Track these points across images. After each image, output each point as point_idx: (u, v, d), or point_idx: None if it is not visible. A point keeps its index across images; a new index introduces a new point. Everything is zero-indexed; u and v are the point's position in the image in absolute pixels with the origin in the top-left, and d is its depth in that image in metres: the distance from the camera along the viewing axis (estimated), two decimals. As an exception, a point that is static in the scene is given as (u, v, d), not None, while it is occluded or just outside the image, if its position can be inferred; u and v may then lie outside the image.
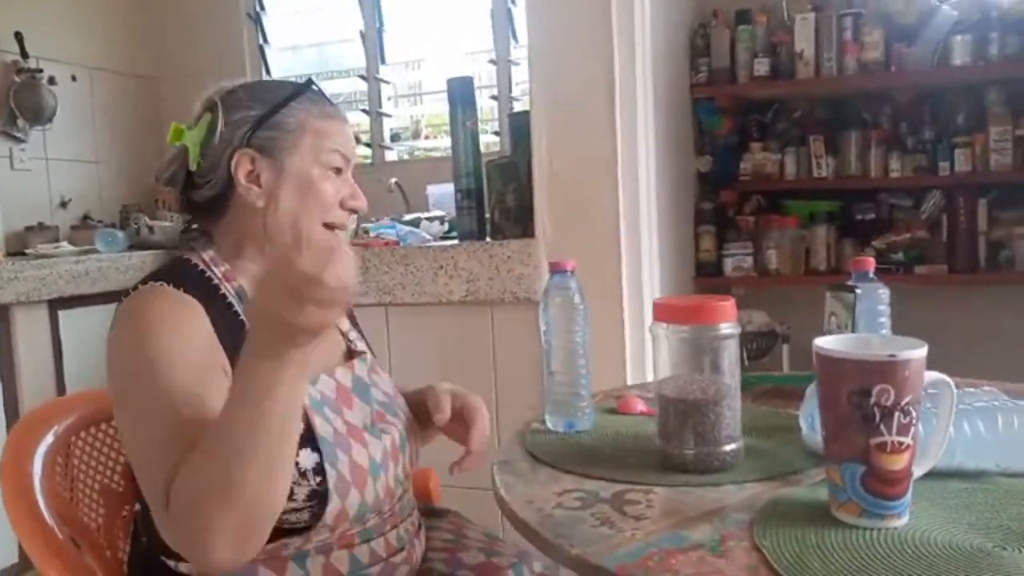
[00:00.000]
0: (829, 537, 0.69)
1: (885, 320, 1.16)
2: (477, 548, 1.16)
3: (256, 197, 0.97)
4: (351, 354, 1.10)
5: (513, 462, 0.95)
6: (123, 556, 1.09)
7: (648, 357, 1.79)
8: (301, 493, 0.90)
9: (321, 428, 0.93)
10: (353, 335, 1.14)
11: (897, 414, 0.69)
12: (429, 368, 1.97)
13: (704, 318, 0.86)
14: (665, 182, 2.26)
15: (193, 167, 0.97)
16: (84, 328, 2.49)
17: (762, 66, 2.60)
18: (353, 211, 1.03)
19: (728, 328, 0.87)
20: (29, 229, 2.89)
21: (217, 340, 0.92)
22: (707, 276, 2.73)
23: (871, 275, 1.17)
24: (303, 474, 0.89)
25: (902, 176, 2.55)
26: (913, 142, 2.57)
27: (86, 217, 3.14)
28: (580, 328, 1.03)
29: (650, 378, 1.77)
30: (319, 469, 0.90)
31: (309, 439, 0.90)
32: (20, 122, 2.91)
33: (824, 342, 0.75)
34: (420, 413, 1.12)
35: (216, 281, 0.97)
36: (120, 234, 2.81)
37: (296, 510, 0.90)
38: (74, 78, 3.12)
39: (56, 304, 2.43)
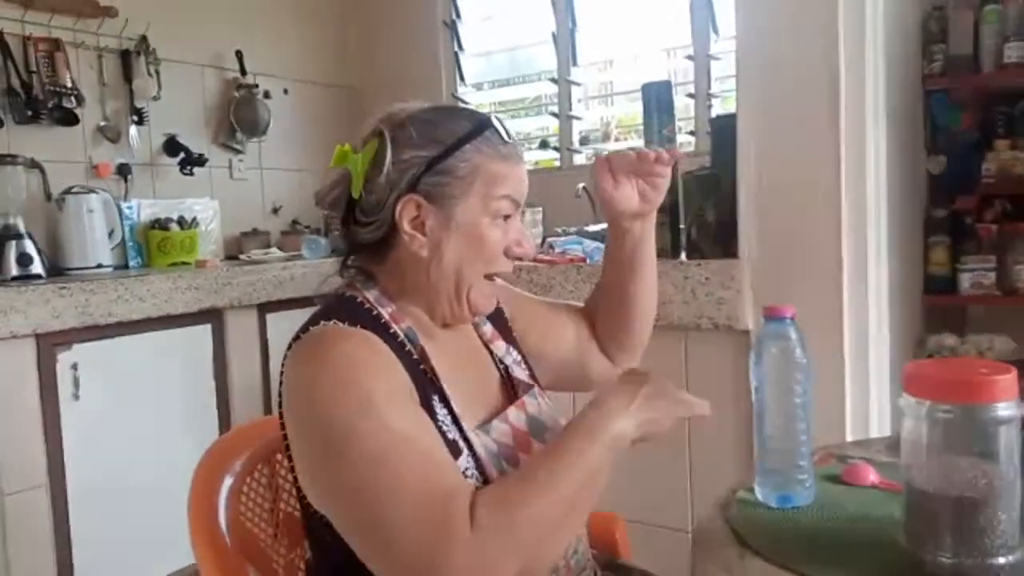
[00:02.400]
0: None
1: None
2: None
3: (420, 247, 0.90)
4: (511, 385, 1.02)
5: (716, 543, 0.81)
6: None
7: (873, 403, 1.55)
8: None
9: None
10: (510, 359, 1.05)
11: None
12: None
13: (976, 395, 0.68)
14: (893, 190, 1.99)
15: (356, 195, 0.92)
16: (288, 330, 2.59)
17: (1014, 51, 2.22)
18: (518, 259, 0.95)
19: (1008, 409, 0.67)
20: (245, 234, 3.11)
21: (406, 374, 0.86)
22: (938, 293, 2.38)
23: None
24: None
25: None
26: None
27: (295, 223, 3.33)
28: (801, 386, 0.87)
29: (874, 433, 1.53)
30: None
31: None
32: (239, 135, 3.13)
33: None
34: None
35: (385, 320, 0.91)
36: (323, 240, 2.94)
37: None
38: (286, 91, 3.32)
39: (264, 308, 2.57)
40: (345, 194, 0.93)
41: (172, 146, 2.90)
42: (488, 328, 1.06)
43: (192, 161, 2.91)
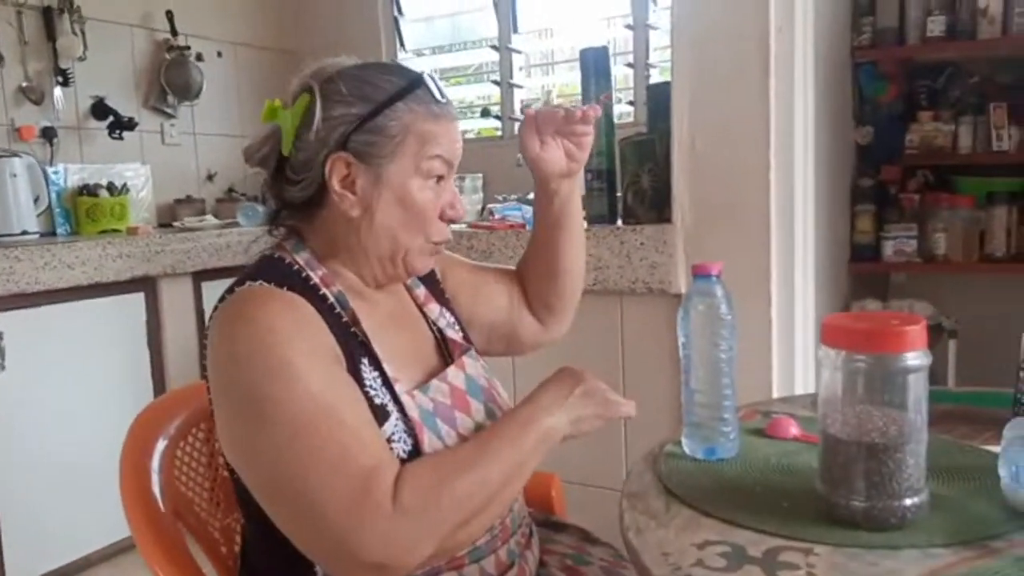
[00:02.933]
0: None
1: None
2: (600, 567, 1.07)
3: (350, 206, 0.89)
4: (446, 347, 1.03)
5: (645, 495, 0.85)
6: (238, 550, 1.08)
7: (799, 363, 1.61)
8: None
9: (428, 446, 0.86)
10: (444, 321, 1.05)
11: None
12: (552, 359, 1.87)
13: (888, 345, 0.71)
14: (821, 159, 2.05)
15: (286, 152, 0.90)
16: (225, 299, 2.58)
17: (937, 25, 2.31)
18: (451, 221, 0.95)
19: (917, 358, 0.72)
20: (178, 202, 3.03)
21: (333, 339, 0.86)
22: (864, 260, 2.48)
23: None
24: None
25: (1105, 150, 2.20)
26: (1119, 111, 2.21)
27: (231, 190, 3.26)
28: (726, 342, 0.90)
29: (800, 390, 1.60)
30: None
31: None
32: (170, 98, 3.03)
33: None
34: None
35: (314, 282, 0.90)
36: (260, 208, 2.88)
37: None
38: (220, 54, 3.22)
39: (199, 276, 2.53)
40: (275, 151, 0.92)
41: (100, 109, 2.79)
42: (421, 291, 1.06)
43: (122, 125, 2.82)
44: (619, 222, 1.88)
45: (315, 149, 0.88)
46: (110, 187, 2.70)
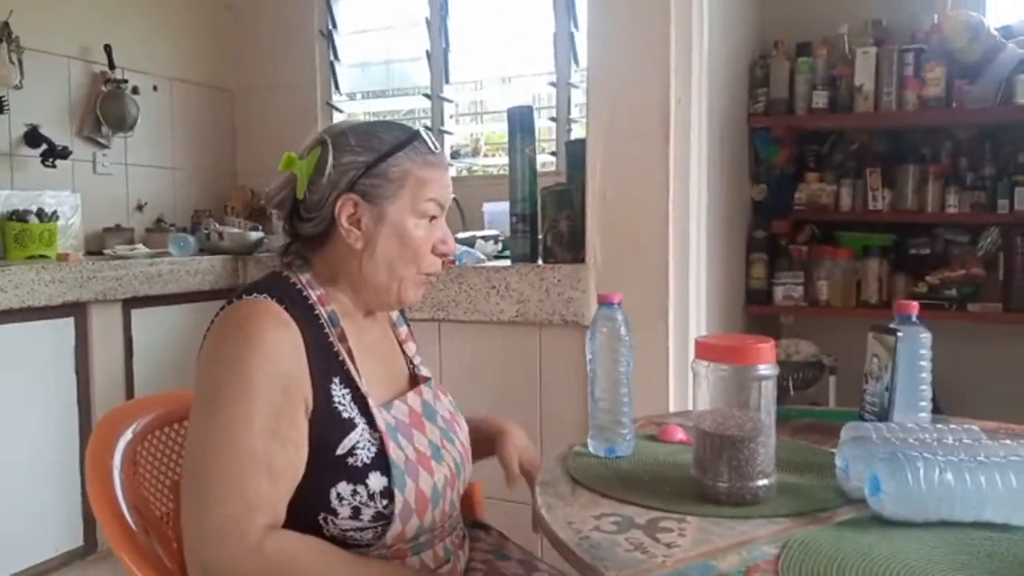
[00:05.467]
0: (849, 574, 0.73)
1: (925, 364, 1.18)
2: (517, 561, 1.22)
3: (355, 240, 1.04)
4: (415, 379, 1.17)
5: (555, 483, 1.01)
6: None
7: (690, 384, 1.82)
8: (367, 514, 0.97)
9: (394, 453, 0.99)
10: (418, 359, 1.21)
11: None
12: (478, 383, 2.04)
13: (744, 358, 0.91)
14: (719, 210, 2.29)
15: (300, 196, 1.05)
16: (155, 326, 2.63)
17: (820, 98, 2.61)
18: (443, 255, 1.10)
19: (767, 369, 0.91)
20: (107, 230, 3.07)
21: (306, 364, 0.98)
22: (757, 304, 2.74)
23: (914, 319, 1.19)
24: (371, 496, 0.97)
25: (959, 212, 2.53)
26: (972, 178, 2.55)
27: (160, 220, 3.31)
28: (624, 359, 1.08)
29: (691, 407, 1.81)
30: (386, 493, 0.97)
31: (382, 464, 0.98)
32: (104, 129, 3.09)
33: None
34: (480, 443, 1.22)
35: (312, 301, 1.04)
36: (191, 238, 2.95)
37: (360, 529, 0.97)
38: (155, 88, 3.30)
39: (130, 303, 2.57)
40: (291, 195, 1.06)
41: (34, 137, 2.83)
42: (404, 330, 1.23)
43: (55, 153, 2.85)
44: (540, 261, 2.08)
45: (327, 191, 1.03)
46: (39, 213, 2.73)
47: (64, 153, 2.89)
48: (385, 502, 0.97)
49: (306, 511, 0.96)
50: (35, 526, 2.27)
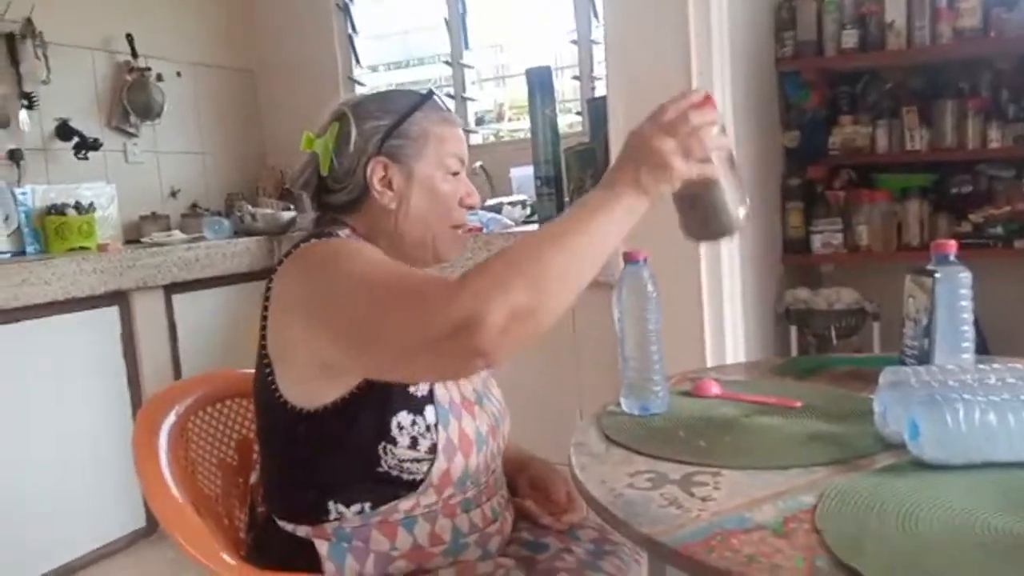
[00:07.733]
0: (888, 522, 0.72)
1: (966, 304, 1.15)
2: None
3: (389, 200, 1.06)
4: None
5: (589, 443, 1.01)
6: (239, 524, 1.21)
7: (728, 337, 1.80)
8: (424, 445, 1.00)
9: (440, 393, 1.03)
10: None
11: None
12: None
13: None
14: (750, 159, 2.24)
15: (324, 172, 1.07)
16: (196, 310, 2.68)
17: (850, 38, 2.53)
18: (470, 208, 1.13)
19: None
20: (143, 218, 3.12)
21: None
22: (795, 253, 2.69)
23: (952, 258, 1.15)
24: (428, 428, 1.00)
25: (1002, 146, 2.44)
26: (1015, 110, 2.45)
27: (194, 206, 3.35)
28: (652, 316, 1.07)
29: (730, 360, 1.78)
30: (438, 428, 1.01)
31: (431, 400, 1.01)
32: (132, 118, 3.13)
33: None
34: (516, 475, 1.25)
35: None
36: (226, 222, 3.00)
37: (417, 460, 1.00)
38: (179, 74, 3.32)
39: (170, 289, 2.63)
40: (315, 175, 1.09)
41: (65, 130, 2.88)
42: None
43: (87, 145, 2.91)
44: (567, 223, 2.05)
45: (355, 158, 1.06)
46: (77, 206, 2.78)
47: (95, 145, 2.94)
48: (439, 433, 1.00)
49: (367, 440, 0.99)
50: (99, 509, 2.35)
